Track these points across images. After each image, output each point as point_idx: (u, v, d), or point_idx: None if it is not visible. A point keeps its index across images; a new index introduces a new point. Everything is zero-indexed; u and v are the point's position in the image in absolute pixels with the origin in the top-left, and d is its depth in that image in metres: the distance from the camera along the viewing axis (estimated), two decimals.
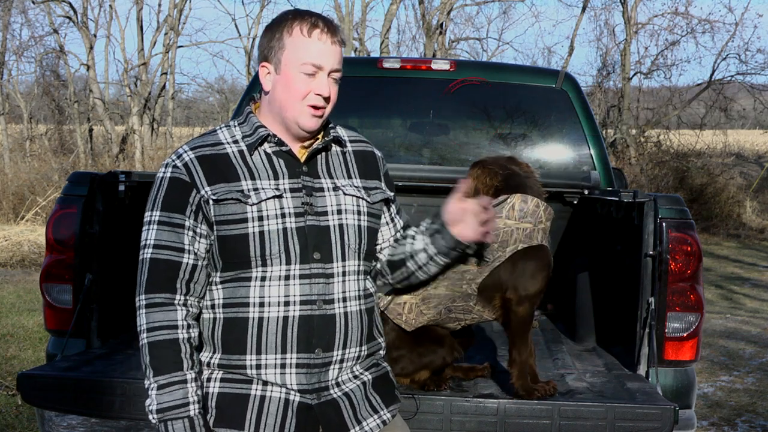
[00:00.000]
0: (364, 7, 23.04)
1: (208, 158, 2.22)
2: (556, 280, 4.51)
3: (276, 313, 2.19)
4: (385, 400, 2.34)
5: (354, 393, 2.28)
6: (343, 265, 2.26)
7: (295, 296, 2.19)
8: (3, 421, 5.01)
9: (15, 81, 23.31)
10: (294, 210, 2.21)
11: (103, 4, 22.06)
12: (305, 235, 2.21)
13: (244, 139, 2.27)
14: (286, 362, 2.20)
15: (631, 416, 2.64)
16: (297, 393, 2.21)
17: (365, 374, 2.33)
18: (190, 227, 2.18)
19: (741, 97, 23.03)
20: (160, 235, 2.18)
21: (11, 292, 9.39)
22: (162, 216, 2.19)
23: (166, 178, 2.22)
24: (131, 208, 3.44)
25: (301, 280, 2.20)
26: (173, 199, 2.19)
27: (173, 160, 2.23)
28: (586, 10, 22.18)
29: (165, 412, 2.10)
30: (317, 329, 2.21)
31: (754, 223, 18.57)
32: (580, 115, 4.67)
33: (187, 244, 2.17)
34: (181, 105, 26.86)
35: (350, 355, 2.27)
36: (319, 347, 2.21)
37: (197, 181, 2.19)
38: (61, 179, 15.17)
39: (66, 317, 3.27)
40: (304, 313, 2.20)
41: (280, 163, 2.26)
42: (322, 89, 2.22)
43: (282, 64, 2.23)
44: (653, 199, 3.08)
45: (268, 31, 2.27)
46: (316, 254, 2.22)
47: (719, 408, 5.82)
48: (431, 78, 4.81)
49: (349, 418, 2.25)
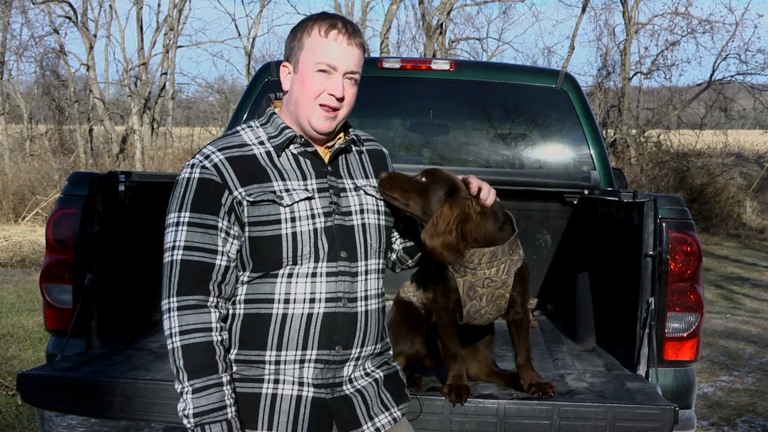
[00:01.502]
0: (364, 7, 23.05)
1: (237, 159, 2.22)
2: (556, 280, 4.54)
3: (301, 309, 2.20)
4: (395, 398, 2.37)
5: (367, 390, 2.31)
6: (366, 264, 2.29)
7: (321, 293, 2.21)
8: (3, 421, 5.01)
9: (15, 81, 23.33)
10: (323, 210, 2.24)
11: (103, 4, 22.09)
12: (333, 234, 2.24)
13: (270, 140, 2.28)
14: (306, 358, 2.21)
15: (631, 416, 2.64)
16: (312, 387, 2.22)
17: (377, 372, 2.35)
18: (223, 229, 2.17)
19: (741, 97, 23.03)
20: (191, 236, 2.15)
21: (11, 292, 9.39)
22: (193, 217, 2.16)
23: (195, 179, 2.19)
24: (131, 208, 3.44)
25: (327, 278, 2.22)
26: (205, 200, 2.17)
27: (201, 161, 2.20)
28: (586, 10, 22.20)
29: (203, 416, 2.09)
30: (340, 327, 2.23)
31: (754, 223, 18.57)
32: (580, 115, 4.67)
33: (220, 245, 2.16)
34: (181, 105, 26.84)
35: (366, 352, 2.30)
36: (339, 344, 2.23)
37: (229, 183, 2.18)
38: (61, 179, 15.17)
39: (66, 317, 3.27)
40: (329, 310, 2.22)
41: (306, 164, 2.28)
42: (336, 89, 2.23)
43: (300, 64, 2.25)
44: (653, 199, 3.08)
45: (291, 33, 2.30)
46: (342, 253, 2.24)
47: (719, 408, 5.82)
48: (431, 78, 4.81)
49: (362, 414, 2.27)
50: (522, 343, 2.79)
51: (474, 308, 2.65)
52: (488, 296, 2.62)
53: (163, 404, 2.71)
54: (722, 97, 21.94)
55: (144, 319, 3.70)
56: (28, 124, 22.33)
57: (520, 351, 2.79)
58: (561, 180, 4.47)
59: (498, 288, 2.61)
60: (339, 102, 2.24)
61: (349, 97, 2.27)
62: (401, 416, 2.38)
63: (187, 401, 2.10)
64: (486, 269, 2.58)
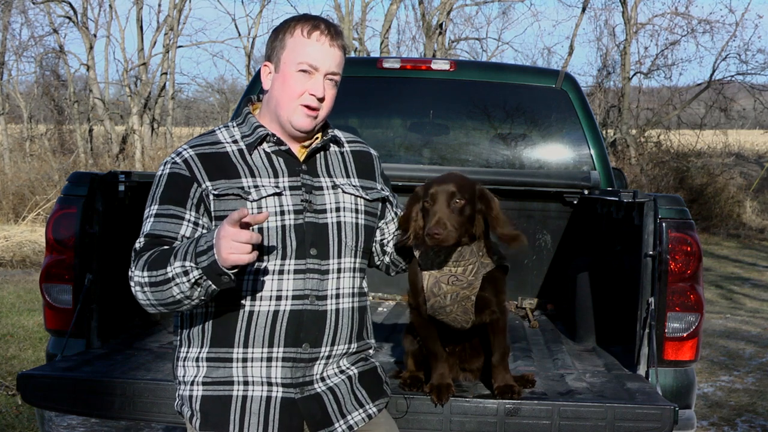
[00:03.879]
0: (364, 7, 23.05)
1: (208, 156, 2.25)
2: (556, 280, 4.54)
3: (267, 306, 2.21)
4: (371, 395, 2.36)
5: (339, 387, 2.30)
6: (339, 262, 2.29)
7: (287, 291, 2.22)
8: (3, 421, 5.01)
9: (15, 81, 23.31)
10: (293, 207, 2.24)
11: (103, 4, 22.08)
12: (303, 231, 2.24)
13: (244, 139, 2.30)
14: (273, 356, 2.22)
15: (631, 416, 2.64)
16: (280, 387, 2.22)
17: (351, 368, 2.35)
18: (191, 219, 2.21)
19: (741, 97, 23.04)
20: (155, 225, 2.20)
21: (11, 292, 9.39)
22: (159, 209, 2.22)
23: (165, 174, 2.25)
24: (131, 208, 3.44)
25: (295, 275, 2.22)
26: (172, 193, 2.22)
27: (172, 158, 2.26)
28: (586, 11, 22.20)
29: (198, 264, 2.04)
30: (306, 324, 2.23)
31: (754, 223, 18.57)
32: (580, 115, 4.67)
33: (181, 232, 2.19)
34: (181, 105, 26.86)
35: (338, 351, 2.30)
36: (306, 342, 2.23)
37: (198, 176, 2.22)
38: (61, 179, 15.17)
39: (66, 317, 3.27)
40: (295, 307, 2.22)
41: (279, 161, 2.29)
42: (317, 90, 2.25)
43: (281, 63, 2.27)
44: (653, 199, 3.08)
45: (274, 33, 2.32)
46: (312, 250, 2.25)
47: (719, 408, 5.82)
48: (431, 78, 4.81)
49: (333, 413, 2.27)
50: (497, 344, 2.73)
51: (438, 304, 2.59)
52: (452, 295, 2.58)
53: (163, 404, 2.70)
54: (722, 97, 21.95)
55: (144, 319, 3.70)
56: (28, 124, 22.32)
57: (494, 351, 2.74)
58: (561, 180, 4.48)
59: (464, 288, 2.58)
60: (319, 102, 2.26)
61: (329, 98, 2.29)
62: (377, 412, 2.36)
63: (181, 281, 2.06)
64: (452, 267, 2.57)
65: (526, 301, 4.52)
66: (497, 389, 2.72)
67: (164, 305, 2.15)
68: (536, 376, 2.96)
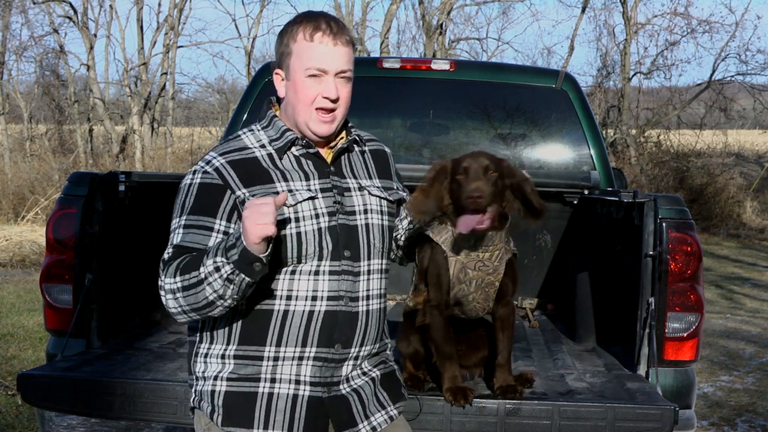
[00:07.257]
0: (364, 7, 23.07)
1: (238, 162, 2.23)
2: (556, 280, 4.54)
3: (302, 307, 2.21)
4: (392, 397, 2.38)
5: (363, 389, 2.31)
6: (368, 264, 2.30)
7: (323, 291, 2.22)
8: (3, 421, 5.01)
9: (15, 81, 23.31)
10: (327, 209, 2.24)
11: (103, 4, 22.07)
12: (337, 233, 2.25)
13: (272, 143, 2.29)
14: (305, 355, 2.22)
15: (631, 416, 2.64)
16: (308, 386, 2.22)
17: (374, 371, 2.36)
18: (221, 230, 2.18)
19: (741, 97, 23.03)
20: (185, 237, 2.18)
21: (11, 292, 9.39)
22: (189, 220, 2.19)
23: (196, 184, 2.21)
24: (131, 208, 3.44)
25: (330, 276, 2.23)
26: (203, 203, 2.19)
27: (202, 167, 2.23)
28: (585, 11, 22.19)
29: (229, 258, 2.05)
30: (341, 325, 2.24)
31: (754, 223, 18.56)
32: (580, 115, 4.68)
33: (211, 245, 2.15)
34: (181, 105, 26.85)
35: (364, 352, 2.31)
36: (339, 343, 2.24)
37: (231, 183, 2.20)
38: (61, 179, 15.16)
39: (66, 317, 3.27)
40: (330, 308, 2.22)
41: (309, 164, 2.29)
42: (330, 92, 2.23)
43: (291, 71, 2.26)
44: (653, 199, 3.08)
45: (279, 38, 2.31)
46: (346, 252, 2.25)
47: (719, 408, 5.82)
48: (431, 78, 4.81)
49: (358, 414, 2.28)
50: (505, 342, 2.73)
51: (462, 292, 2.60)
52: (477, 281, 2.60)
53: (163, 404, 2.71)
54: (722, 97, 21.94)
55: (144, 319, 3.70)
56: (28, 124, 22.32)
57: (501, 349, 2.73)
58: (561, 180, 4.48)
59: (489, 274, 2.59)
60: (334, 103, 2.25)
61: (344, 96, 2.27)
62: (398, 415, 2.38)
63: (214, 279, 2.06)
64: (481, 252, 2.57)
65: (526, 301, 4.53)
66: (499, 389, 2.72)
67: (196, 310, 2.13)
68: (536, 376, 2.96)
